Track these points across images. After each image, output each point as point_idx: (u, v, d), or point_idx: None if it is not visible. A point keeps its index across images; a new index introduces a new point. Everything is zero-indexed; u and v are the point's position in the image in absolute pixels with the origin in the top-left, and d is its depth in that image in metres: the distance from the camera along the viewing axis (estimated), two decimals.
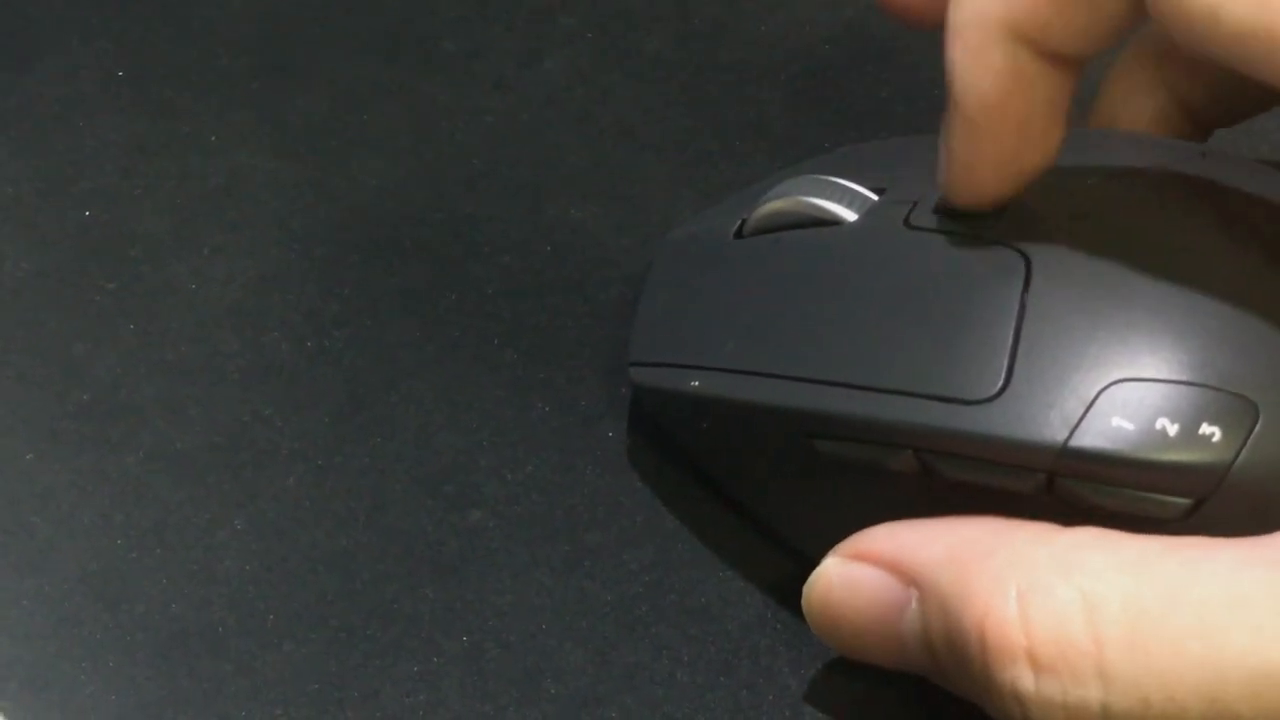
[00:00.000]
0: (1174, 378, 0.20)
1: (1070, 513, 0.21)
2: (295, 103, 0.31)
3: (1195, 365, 0.20)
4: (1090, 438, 0.20)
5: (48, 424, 0.26)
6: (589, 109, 0.31)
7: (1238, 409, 0.20)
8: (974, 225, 0.22)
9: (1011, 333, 0.21)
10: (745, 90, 0.31)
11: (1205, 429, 0.20)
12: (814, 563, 0.23)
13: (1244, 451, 0.20)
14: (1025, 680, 0.19)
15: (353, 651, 0.24)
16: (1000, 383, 0.21)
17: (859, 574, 0.22)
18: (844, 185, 0.24)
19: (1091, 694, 0.19)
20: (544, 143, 0.31)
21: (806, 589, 0.22)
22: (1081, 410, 0.20)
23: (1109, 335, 0.20)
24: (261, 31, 0.33)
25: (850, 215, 0.23)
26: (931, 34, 0.32)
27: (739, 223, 0.25)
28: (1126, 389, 0.20)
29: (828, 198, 0.24)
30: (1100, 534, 0.20)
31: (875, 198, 0.24)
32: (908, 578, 0.21)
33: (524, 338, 0.28)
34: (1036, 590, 0.19)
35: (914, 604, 0.21)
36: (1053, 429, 0.20)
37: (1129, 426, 0.20)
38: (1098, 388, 0.20)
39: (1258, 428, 0.20)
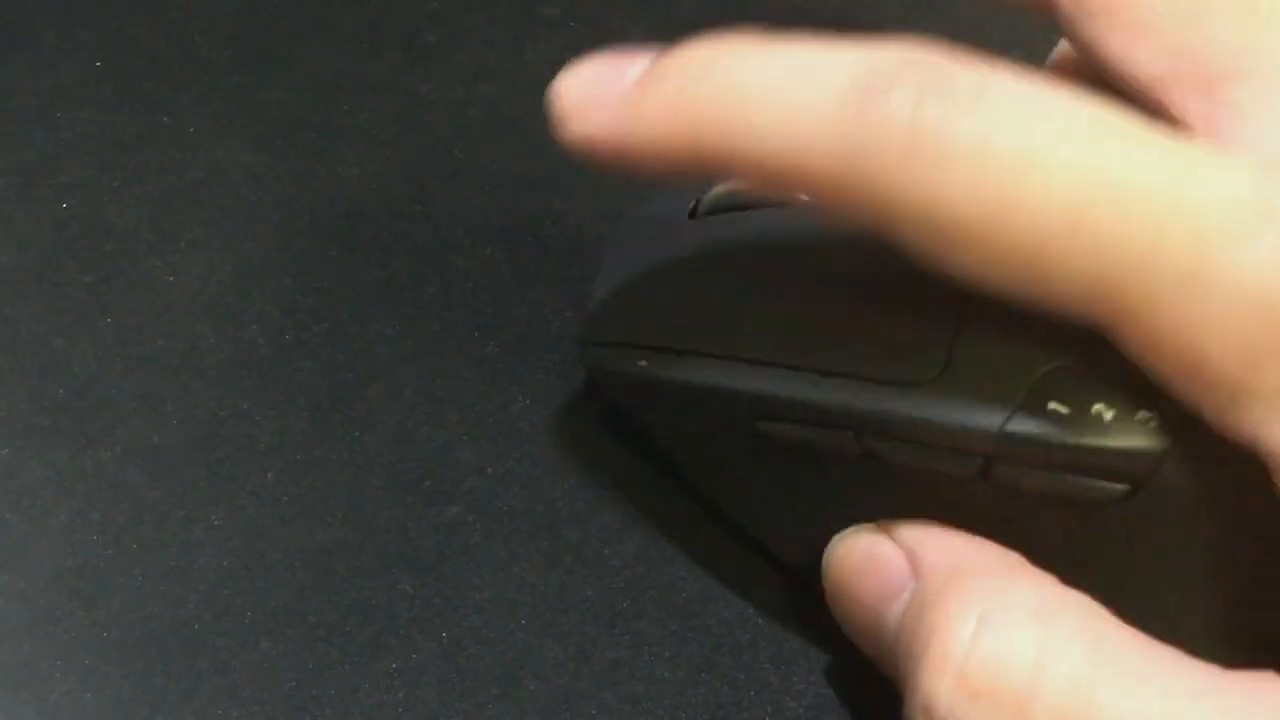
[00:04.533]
0: (1111, 364, 0.20)
1: (1008, 498, 0.21)
2: (275, 95, 0.31)
3: None
4: (1026, 423, 0.20)
5: (24, 419, 0.26)
6: None
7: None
8: None
9: (952, 317, 0.21)
10: None
11: (1142, 414, 0.20)
12: (771, 551, 0.23)
13: (1178, 437, 0.19)
14: (942, 693, 0.19)
15: (330, 648, 0.24)
16: (939, 367, 0.20)
17: (883, 549, 0.22)
18: None
19: None
20: (526, 134, 0.30)
21: (833, 543, 0.22)
22: (1019, 395, 0.20)
23: (1048, 321, 0.20)
24: (241, 23, 0.32)
25: (800, 197, 0.23)
26: (916, 21, 0.32)
27: (693, 202, 0.25)
28: (1064, 374, 0.20)
29: None
30: (1083, 600, 0.20)
31: None
32: (916, 569, 0.21)
33: (505, 331, 0.27)
34: (1000, 623, 0.19)
35: (907, 594, 0.21)
36: (989, 413, 0.20)
37: (1064, 411, 0.20)
38: (1036, 373, 0.20)
39: (1191, 414, 0.19)
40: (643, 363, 0.24)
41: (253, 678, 0.23)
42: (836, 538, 0.22)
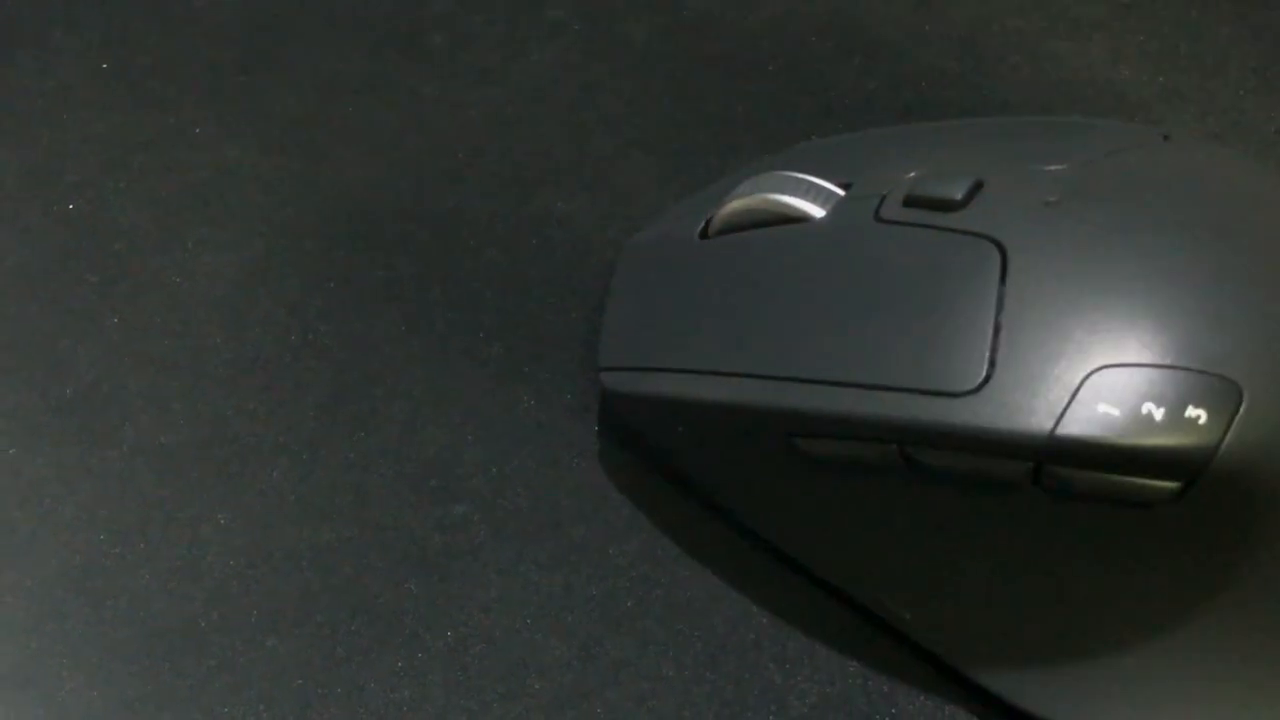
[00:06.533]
0: (1157, 362, 0.20)
1: (1057, 503, 0.20)
2: (280, 96, 0.31)
3: (1177, 348, 0.20)
4: (1077, 425, 0.20)
5: (31, 418, 0.26)
6: (575, 101, 0.31)
7: (1222, 391, 0.20)
8: (944, 216, 0.22)
9: (991, 323, 0.21)
10: (733, 82, 0.31)
11: (1191, 412, 0.20)
12: (797, 564, 0.22)
13: (1230, 433, 0.20)
14: None
15: (336, 647, 0.24)
16: (983, 374, 0.20)
17: None
18: (809, 181, 0.24)
19: None
20: (530, 135, 0.31)
21: None
22: (1067, 398, 0.20)
23: (1089, 322, 0.20)
24: (246, 24, 0.32)
25: (817, 211, 0.23)
26: (919, 27, 0.32)
27: (703, 223, 0.25)
28: (1110, 375, 0.20)
29: (794, 194, 0.23)
30: None
31: (841, 192, 0.23)
32: None
33: (510, 331, 0.28)
34: None
35: None
36: (1039, 418, 0.20)
37: (1115, 412, 0.20)
38: (1081, 375, 0.20)
39: (1242, 409, 0.20)
40: (669, 386, 0.24)
41: (259, 676, 0.23)
42: None
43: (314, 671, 0.23)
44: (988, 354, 0.20)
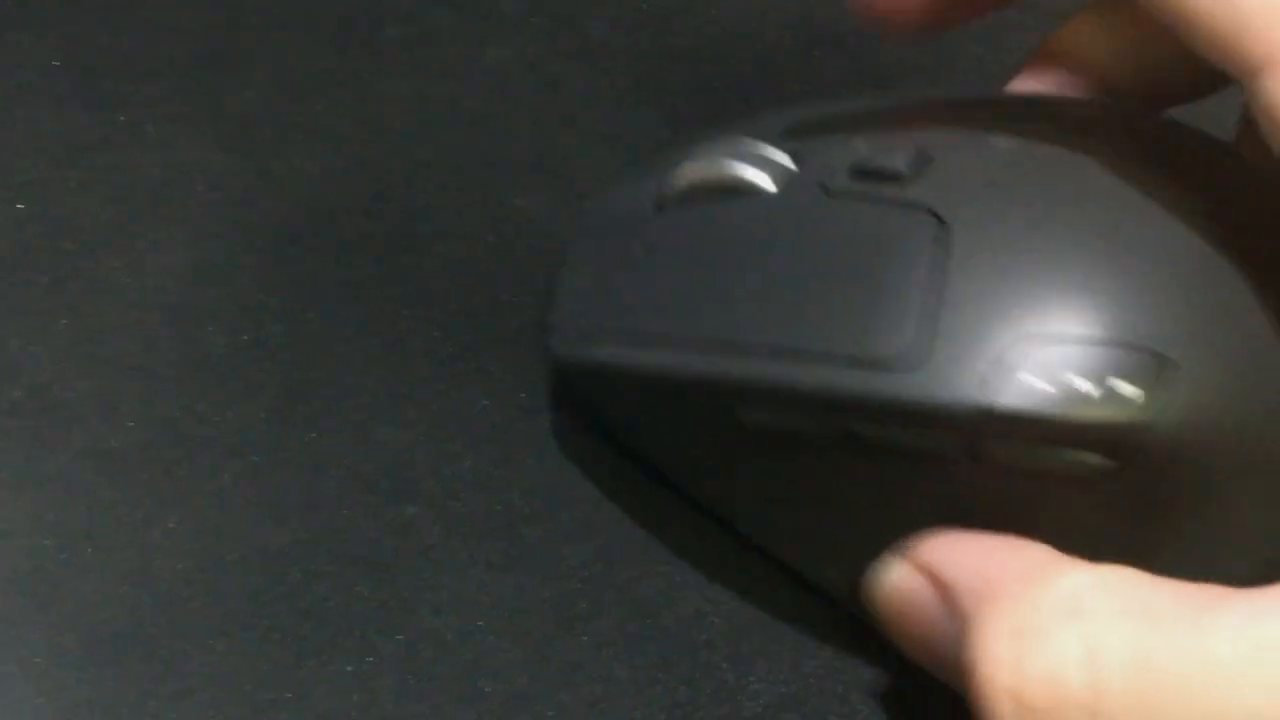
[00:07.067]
0: (1091, 336, 0.20)
1: (1000, 478, 0.21)
2: (234, 93, 0.31)
3: (1112, 323, 0.20)
4: (1009, 398, 0.20)
5: None
6: (536, 97, 0.31)
7: (1155, 366, 0.20)
8: (890, 188, 0.22)
9: (931, 297, 0.21)
10: (695, 77, 0.31)
11: (1123, 387, 0.20)
12: (746, 541, 0.23)
13: (1162, 408, 0.20)
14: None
15: (285, 651, 0.23)
16: (918, 346, 0.20)
17: (909, 583, 0.21)
18: (761, 150, 0.24)
19: None
20: (490, 132, 0.30)
21: (870, 584, 0.22)
22: (998, 371, 0.20)
23: (1027, 296, 0.20)
24: (201, 20, 0.32)
25: (768, 181, 0.23)
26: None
27: (659, 192, 0.25)
28: (1044, 349, 0.20)
29: (746, 163, 0.23)
30: (1109, 576, 0.19)
31: (792, 163, 0.23)
32: (942, 595, 0.21)
33: (466, 330, 0.27)
34: (1039, 634, 0.19)
35: (944, 623, 0.21)
36: (972, 390, 0.20)
37: (1047, 386, 0.20)
38: (1015, 347, 0.20)
39: (1173, 382, 0.20)
40: (617, 353, 0.24)
41: (208, 681, 0.23)
42: (870, 575, 0.22)
43: (263, 676, 0.23)
44: (923, 326, 0.20)
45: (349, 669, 0.23)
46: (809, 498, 0.23)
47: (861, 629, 0.23)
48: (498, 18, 0.32)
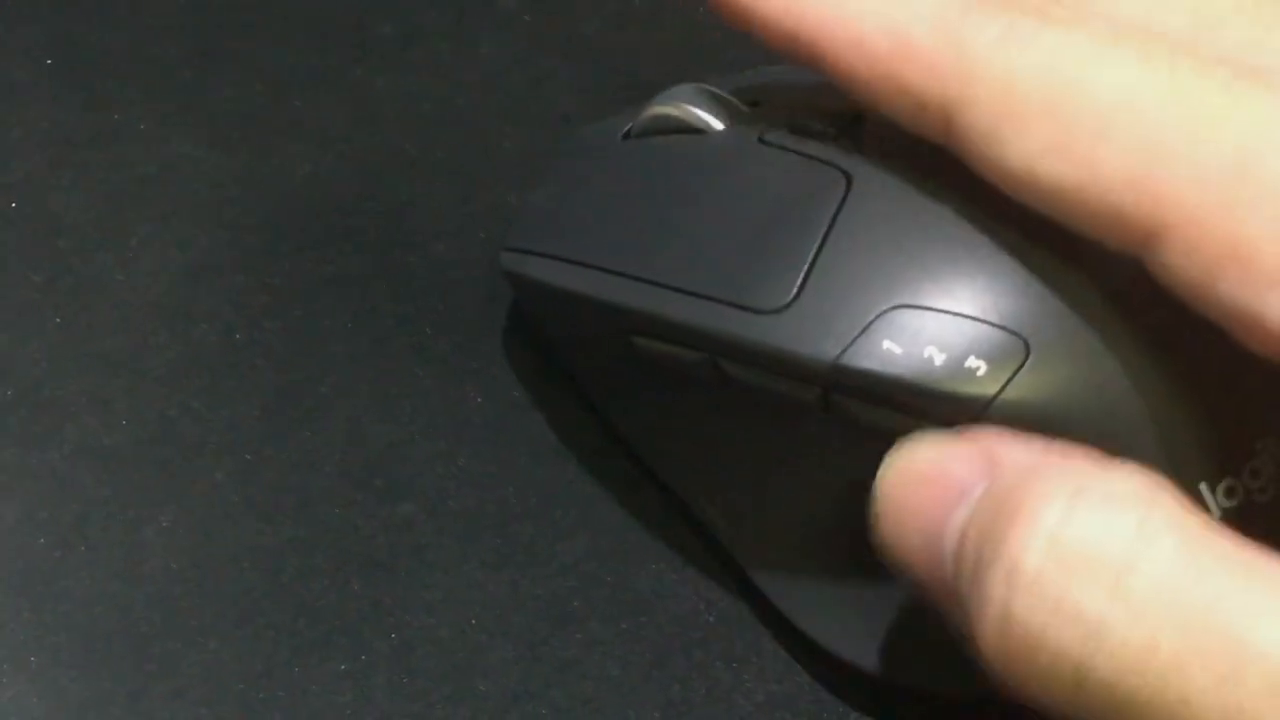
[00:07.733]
0: (950, 309, 0.20)
1: (844, 430, 0.21)
2: (225, 90, 0.31)
3: (974, 300, 0.20)
4: (860, 358, 0.20)
5: None
6: (526, 94, 0.31)
7: (1009, 346, 0.20)
8: (813, 145, 0.22)
9: (814, 248, 0.21)
10: (685, 74, 0.31)
11: (972, 361, 0.20)
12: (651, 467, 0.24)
13: (1008, 388, 0.20)
14: (1032, 557, 0.18)
15: (279, 649, 0.23)
16: (791, 296, 0.21)
17: (956, 449, 0.20)
18: (724, 97, 0.24)
19: (1096, 605, 0.17)
20: (480, 129, 0.30)
21: (894, 450, 0.20)
22: (857, 330, 0.20)
23: (901, 261, 0.21)
24: (191, 17, 0.32)
25: (718, 126, 0.24)
26: None
27: (629, 124, 0.25)
28: (904, 315, 0.20)
29: (704, 107, 0.24)
30: (1178, 498, 0.18)
31: (746, 112, 0.24)
32: (994, 463, 0.19)
33: (458, 327, 0.27)
34: (1098, 498, 0.18)
35: (979, 490, 0.19)
36: (828, 345, 0.21)
37: (897, 350, 0.20)
38: (877, 310, 0.20)
39: (1025, 366, 0.20)
40: (540, 271, 0.25)
41: (201, 679, 0.23)
42: (899, 443, 0.20)
43: (256, 674, 0.23)
44: (800, 278, 0.21)
45: (342, 667, 0.23)
46: (693, 431, 0.24)
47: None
48: (488, 14, 0.32)
